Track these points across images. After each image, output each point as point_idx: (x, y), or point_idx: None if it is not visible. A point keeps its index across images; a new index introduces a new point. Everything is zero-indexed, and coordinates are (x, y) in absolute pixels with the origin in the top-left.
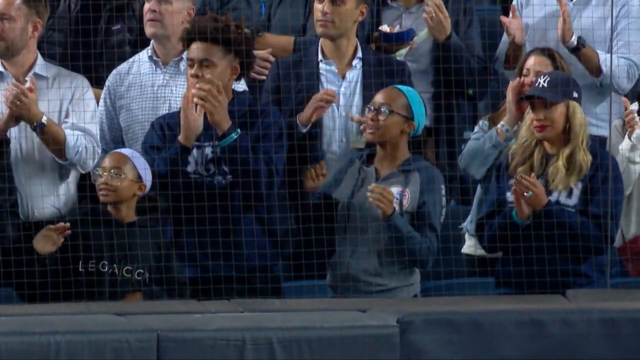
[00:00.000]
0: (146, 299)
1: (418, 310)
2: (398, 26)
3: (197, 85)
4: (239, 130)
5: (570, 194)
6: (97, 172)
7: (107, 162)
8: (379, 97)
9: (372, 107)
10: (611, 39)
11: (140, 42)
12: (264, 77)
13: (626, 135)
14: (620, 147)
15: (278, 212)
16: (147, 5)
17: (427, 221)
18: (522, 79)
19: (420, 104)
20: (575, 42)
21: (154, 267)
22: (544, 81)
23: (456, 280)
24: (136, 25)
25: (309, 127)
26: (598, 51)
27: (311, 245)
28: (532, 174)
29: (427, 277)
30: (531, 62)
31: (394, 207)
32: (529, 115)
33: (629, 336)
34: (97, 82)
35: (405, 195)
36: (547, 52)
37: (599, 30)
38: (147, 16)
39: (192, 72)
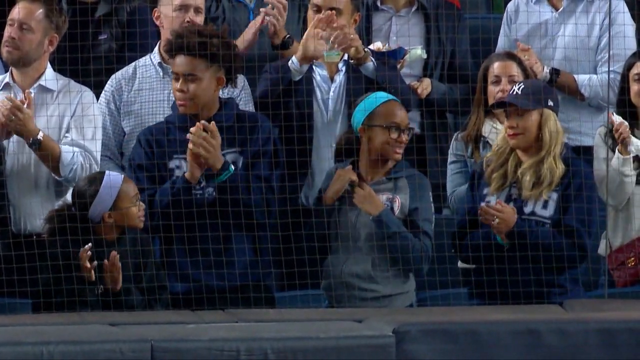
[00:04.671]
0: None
1: (414, 320)
2: (388, 44)
3: (192, 130)
4: (232, 167)
5: (545, 204)
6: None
7: (134, 190)
8: None
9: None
10: (610, 52)
11: (128, 47)
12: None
13: (617, 151)
14: (612, 162)
15: (270, 223)
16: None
17: (419, 227)
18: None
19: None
20: (549, 75)
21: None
22: (519, 89)
23: (452, 290)
24: (121, 32)
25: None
26: (576, 75)
27: (303, 253)
28: (498, 200)
29: (423, 287)
30: (498, 68)
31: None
32: (504, 123)
33: (626, 346)
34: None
35: (396, 201)
36: (509, 56)
37: (585, 38)
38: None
39: (178, 86)
